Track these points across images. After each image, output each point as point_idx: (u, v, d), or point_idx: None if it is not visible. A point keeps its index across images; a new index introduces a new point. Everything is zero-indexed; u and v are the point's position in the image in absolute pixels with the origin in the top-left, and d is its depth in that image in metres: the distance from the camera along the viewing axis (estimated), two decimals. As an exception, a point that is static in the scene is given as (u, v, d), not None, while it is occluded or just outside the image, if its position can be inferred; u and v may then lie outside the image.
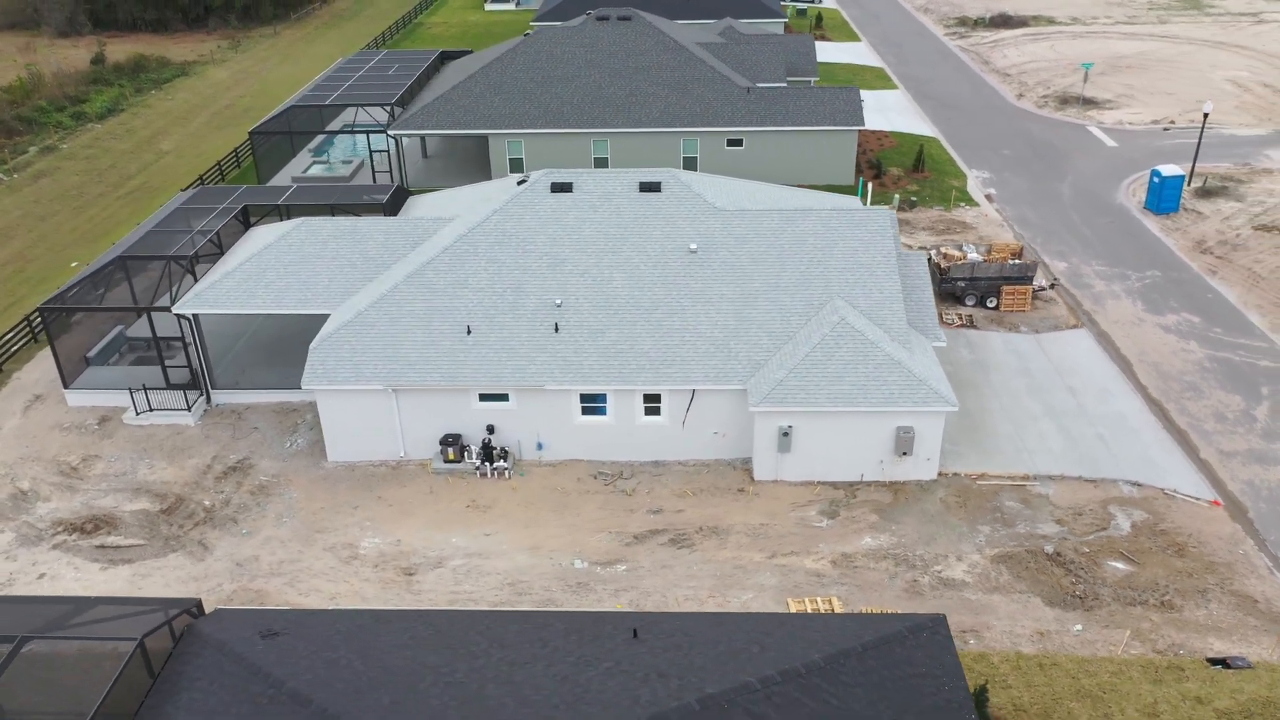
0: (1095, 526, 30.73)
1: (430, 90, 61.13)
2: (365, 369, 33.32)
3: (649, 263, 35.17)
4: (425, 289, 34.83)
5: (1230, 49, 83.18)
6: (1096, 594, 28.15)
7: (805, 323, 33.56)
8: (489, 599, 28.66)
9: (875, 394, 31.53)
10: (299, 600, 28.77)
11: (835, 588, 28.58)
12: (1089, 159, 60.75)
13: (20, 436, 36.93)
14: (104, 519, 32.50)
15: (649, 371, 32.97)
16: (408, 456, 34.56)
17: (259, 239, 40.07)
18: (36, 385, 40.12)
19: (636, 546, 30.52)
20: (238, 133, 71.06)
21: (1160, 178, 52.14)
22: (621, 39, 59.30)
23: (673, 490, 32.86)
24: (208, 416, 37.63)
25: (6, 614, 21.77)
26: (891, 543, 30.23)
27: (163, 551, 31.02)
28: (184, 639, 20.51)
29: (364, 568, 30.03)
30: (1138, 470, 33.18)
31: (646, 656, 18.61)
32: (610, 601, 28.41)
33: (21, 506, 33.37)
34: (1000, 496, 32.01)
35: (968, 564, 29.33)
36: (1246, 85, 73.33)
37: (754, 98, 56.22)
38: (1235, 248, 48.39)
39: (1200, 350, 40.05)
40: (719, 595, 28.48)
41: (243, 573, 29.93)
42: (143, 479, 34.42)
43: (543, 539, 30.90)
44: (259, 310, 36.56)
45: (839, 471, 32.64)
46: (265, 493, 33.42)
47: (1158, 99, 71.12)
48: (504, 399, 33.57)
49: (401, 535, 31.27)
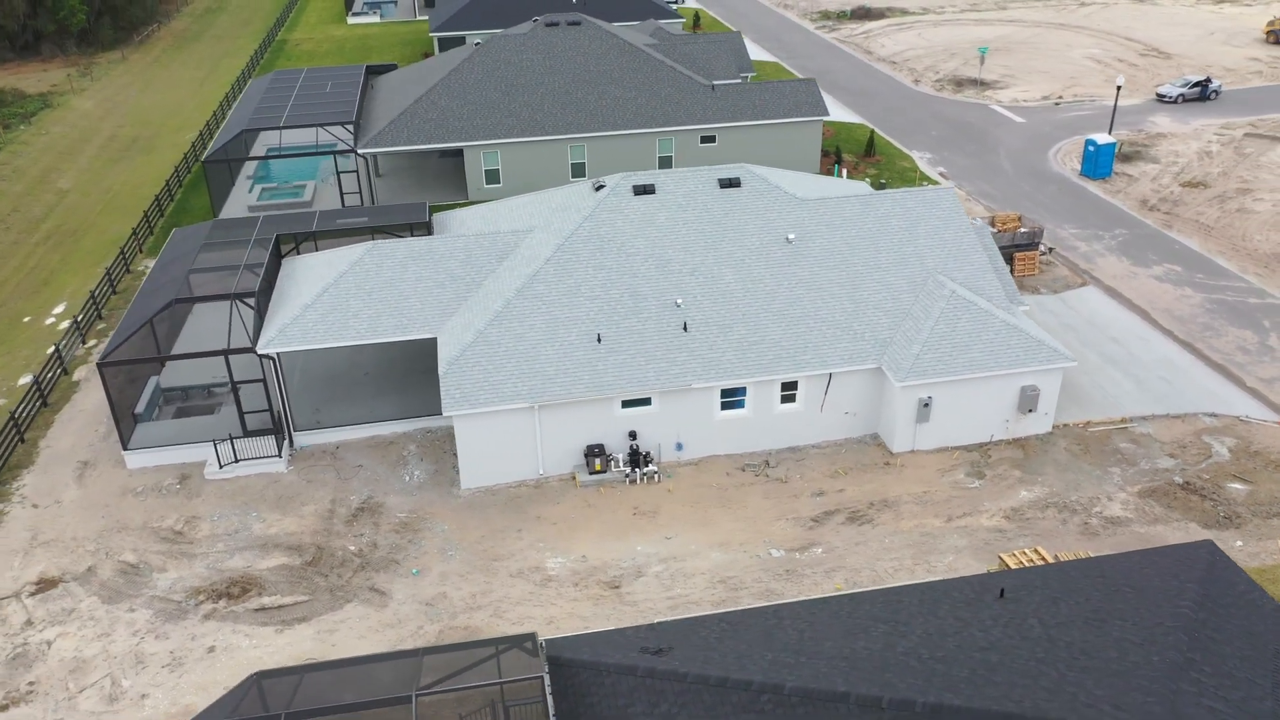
0: (1201, 456, 34.14)
1: (379, 106, 58.86)
2: (505, 388, 32.33)
3: (751, 255, 35.90)
4: (540, 301, 34.13)
5: (1071, 30, 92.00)
6: (1236, 513, 31.41)
7: (915, 299, 35.30)
8: (707, 599, 28.70)
9: (1003, 357, 33.68)
10: (517, 629, 27.75)
11: (1021, 539, 30.48)
12: (1008, 134, 65.98)
13: (90, 508, 33.33)
14: (245, 581, 30.02)
15: (786, 360, 33.76)
16: (546, 474, 33.77)
17: (311, 269, 37.82)
18: (75, 451, 36.21)
19: (819, 529, 31.31)
20: (136, 166, 65.79)
21: (1095, 146, 57.55)
22: (576, 44, 59.23)
23: (822, 472, 33.82)
24: (296, 460, 35.26)
25: (341, 679, 20.16)
26: (1045, 493, 32.47)
27: (335, 604, 29.05)
28: (555, 671, 19.72)
29: (564, 588, 29.29)
30: (1206, 402, 37.02)
31: (1051, 611, 19.63)
32: (826, 583, 29.11)
33: (138, 581, 30.28)
34: (1112, 440, 34.94)
35: (1119, 502, 31.96)
36: (1105, 61, 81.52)
37: (719, 94, 57.63)
38: (1176, 203, 54.19)
39: (1196, 295, 44.84)
40: (922, 562, 29.76)
41: (438, 613, 28.53)
42: (261, 534, 31.96)
43: (726, 535, 31.13)
44: (353, 342, 34.60)
45: (970, 435, 34.61)
46: (411, 530, 31.83)
47: (1035, 77, 77.89)
48: (646, 403, 33.44)
49: (583, 551, 30.66)
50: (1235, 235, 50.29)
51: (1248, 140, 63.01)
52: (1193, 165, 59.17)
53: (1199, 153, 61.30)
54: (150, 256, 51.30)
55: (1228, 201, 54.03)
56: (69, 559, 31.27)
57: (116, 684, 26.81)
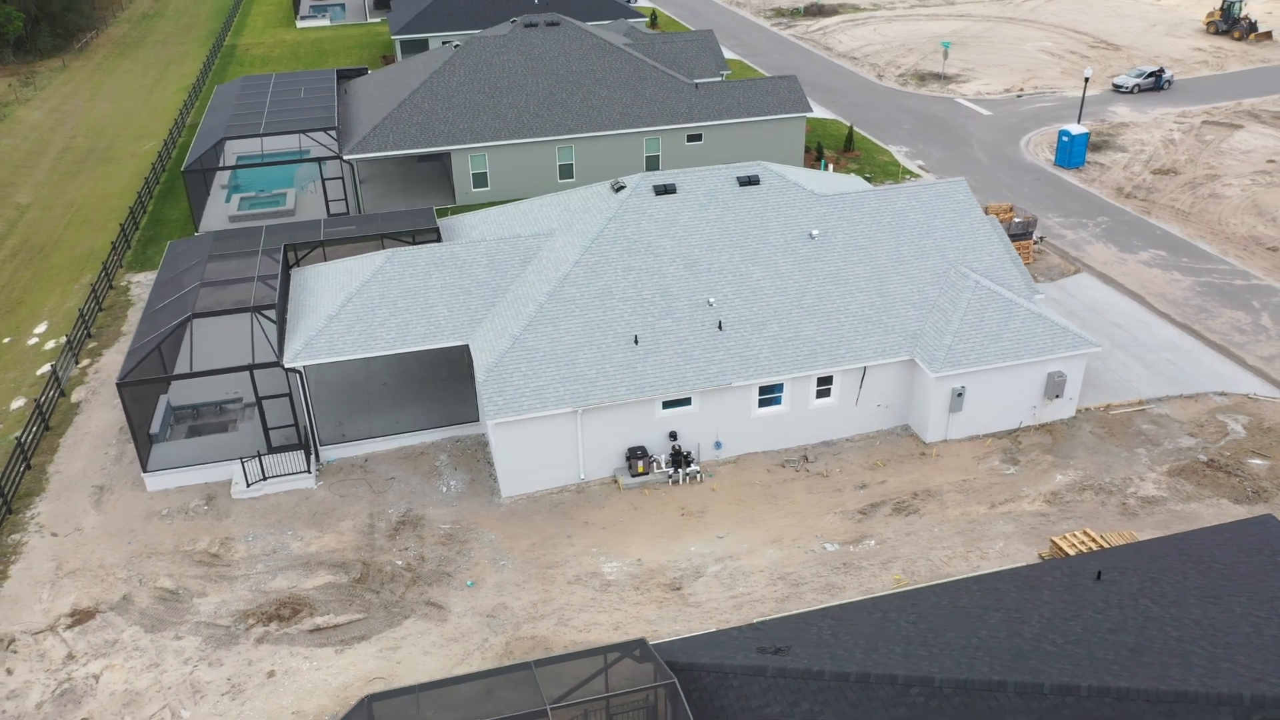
0: (1219, 434, 35.26)
1: (358, 111, 57.74)
2: (546, 394, 31.97)
3: (777, 252, 36.05)
4: (572, 305, 33.83)
5: (1021, 24, 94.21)
6: (1262, 488, 32.52)
7: (940, 291, 35.80)
8: (770, 596, 28.75)
9: (1031, 345, 34.35)
10: (581, 637, 27.48)
11: (1064, 522, 31.13)
12: (977, 127, 67.31)
13: (114, 534, 32.11)
14: (293, 602, 29.20)
15: (822, 355, 33.97)
16: (587, 478, 33.50)
17: (327, 279, 36.95)
18: (88, 475, 34.85)
19: (868, 521, 31.58)
20: (97, 177, 63.65)
21: (1069, 136, 59.03)
22: (556, 44, 58.81)
23: (860, 465, 34.12)
24: (325, 475, 34.41)
25: (458, 696, 19.72)
26: (1080, 476, 33.21)
27: (393, 621, 28.41)
28: (680, 676, 19.58)
29: (625, 592, 29.09)
30: (1214, 382, 38.24)
31: (1156, 590, 20.08)
32: (884, 575, 29.38)
33: (179, 608, 29.25)
34: (1134, 422, 35.89)
35: (1152, 482, 32.85)
36: (1058, 54, 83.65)
37: (703, 93, 57.74)
38: (1150, 190, 55.88)
39: (1186, 279, 46.30)
40: (974, 549, 30.20)
41: (501, 624, 28.09)
42: (301, 553, 31.13)
43: (777, 531, 31.22)
44: (381, 352, 33.86)
45: (999, 422, 35.23)
46: (457, 541, 31.29)
47: (994, 71, 79.60)
48: (686, 403, 33.37)
49: (638, 554, 30.47)
50: (1211, 220, 52.04)
51: (1206, 128, 65.24)
52: (1160, 153, 61.08)
53: (1163, 141, 63.29)
54: (132, 271, 49.60)
55: (1199, 187, 55.89)
56: (100, 588, 30.09)
57: (176, 715, 25.87)
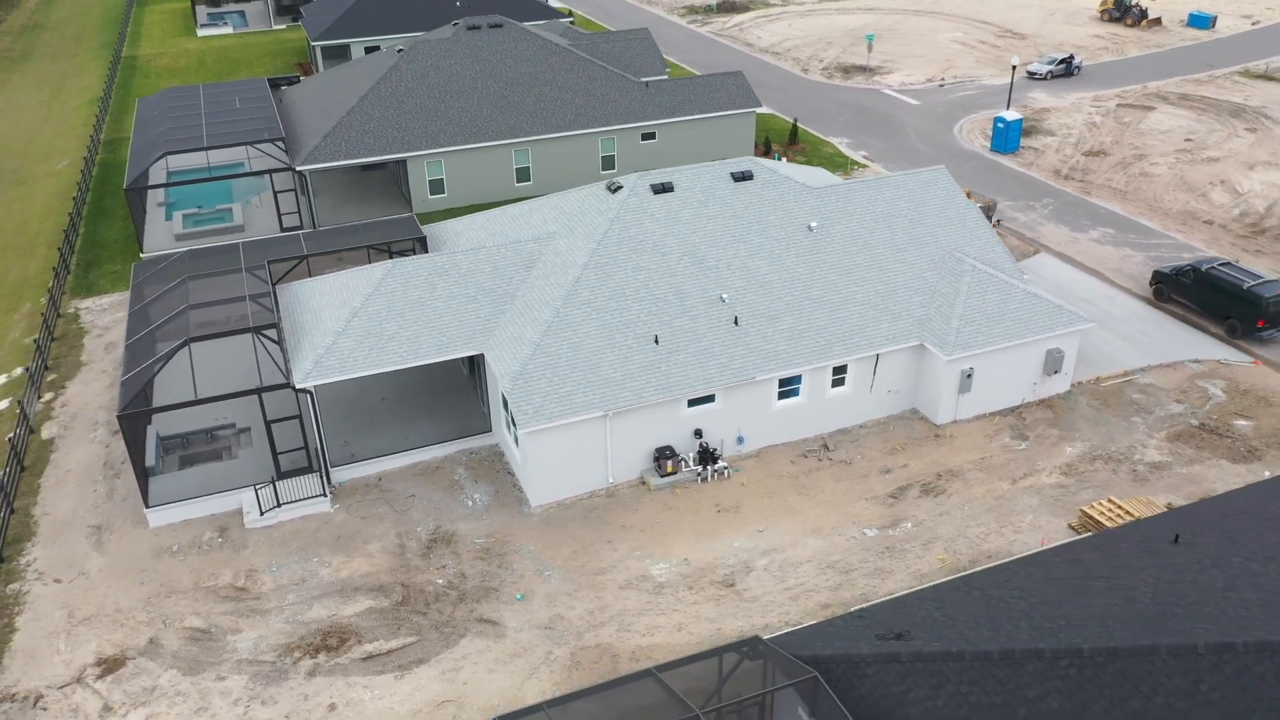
0: (1203, 399, 37.18)
1: (300, 120, 55.76)
2: (575, 399, 31.54)
3: (779, 246, 36.39)
4: (588, 308, 33.46)
5: (928, 15, 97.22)
6: (1254, 447, 34.42)
7: (939, 277, 36.72)
8: (823, 584, 29.02)
9: (1031, 324, 35.55)
10: (646, 641, 27.24)
11: (1084, 492, 32.34)
12: (908, 116, 69.23)
13: (124, 575, 30.30)
14: (337, 630, 28.10)
15: (837, 345, 34.44)
16: (615, 481, 33.18)
17: (321, 295, 35.63)
18: (81, 515, 32.79)
19: (899, 504, 32.18)
20: (11, 200, 59.92)
21: (1005, 123, 61.27)
22: (502, 46, 57.99)
23: (879, 450, 34.73)
24: (339, 498, 33.20)
25: (587, 711, 19.31)
26: (1088, 446, 34.55)
27: (448, 642, 27.60)
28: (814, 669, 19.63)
29: (680, 592, 28.94)
30: (1186, 350, 40.28)
31: (1241, 549, 21.07)
32: (928, 555, 30.00)
33: (214, 647, 27.80)
34: (1124, 392, 37.52)
35: (1154, 448, 34.41)
36: (969, 44, 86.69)
37: (654, 91, 57.80)
38: (1086, 172, 58.47)
39: (1137, 254, 48.62)
40: (1007, 524, 31.11)
41: (561, 635, 27.60)
42: (332, 579, 29.96)
43: (815, 521, 31.53)
44: (394, 366, 32.82)
45: (1003, 400, 36.34)
46: (495, 555, 30.59)
47: (913, 62, 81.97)
48: (710, 400, 33.37)
49: (683, 554, 30.35)
50: (1148, 197, 54.80)
51: (1122, 110, 68.62)
52: (1086, 136, 63.97)
53: (1085, 124, 66.30)
54: (78, 297, 46.81)
55: (1129, 167, 58.76)
56: (122, 633, 28.35)
57: (237, 759, 24.61)
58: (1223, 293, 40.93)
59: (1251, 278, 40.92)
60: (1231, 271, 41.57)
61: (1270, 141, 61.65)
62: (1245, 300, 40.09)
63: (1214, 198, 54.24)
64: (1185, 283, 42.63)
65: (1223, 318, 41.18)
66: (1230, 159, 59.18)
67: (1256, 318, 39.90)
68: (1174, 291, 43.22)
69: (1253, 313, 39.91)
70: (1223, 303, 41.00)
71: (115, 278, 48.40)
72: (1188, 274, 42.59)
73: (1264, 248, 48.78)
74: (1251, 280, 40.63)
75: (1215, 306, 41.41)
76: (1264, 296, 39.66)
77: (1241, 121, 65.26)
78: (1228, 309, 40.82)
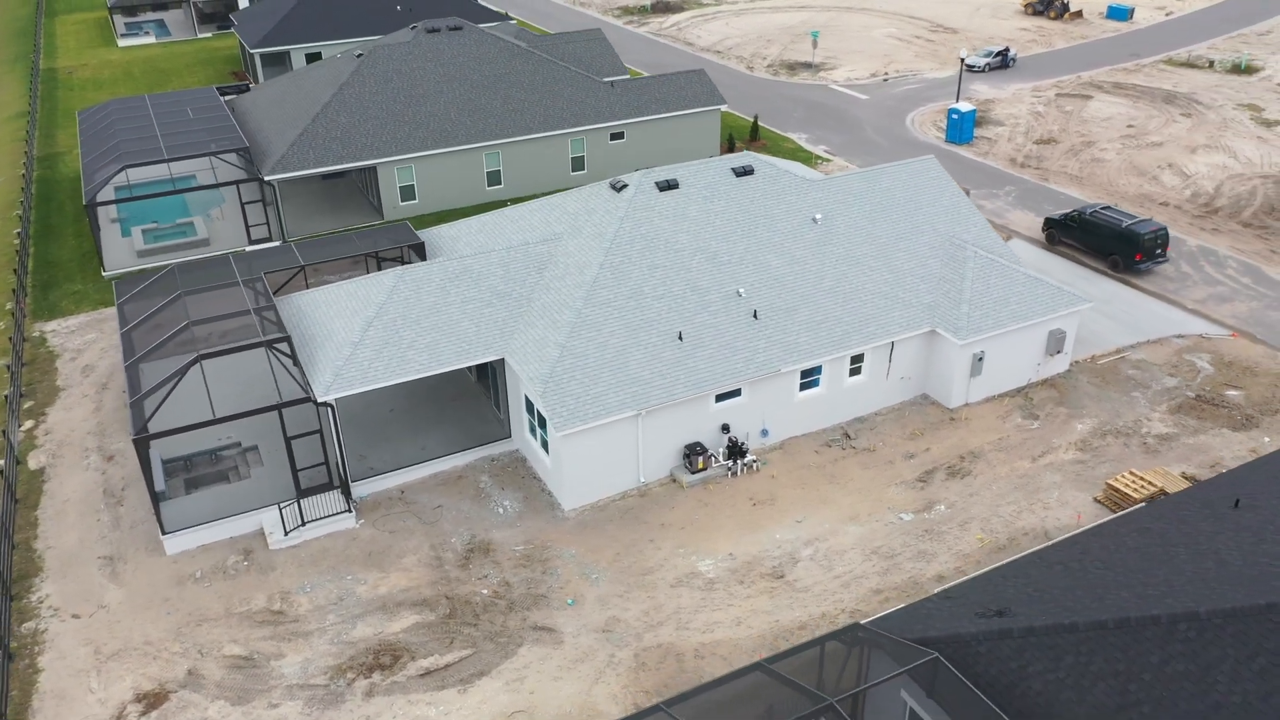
0: (1194, 372, 38.65)
1: (258, 129, 54.04)
2: (607, 399, 31.23)
3: (788, 239, 36.65)
4: (608, 307, 33.19)
5: (861, 12, 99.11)
6: (1249, 415, 35.93)
7: (942, 264, 37.42)
8: (871, 570, 29.29)
9: (1035, 306, 36.49)
10: (709, 638, 27.12)
11: (1102, 466, 33.32)
12: (860, 110, 70.46)
13: (148, 606, 28.92)
14: (388, 648, 27.28)
15: (854, 334, 34.82)
16: (645, 480, 32.96)
17: (326, 306, 34.59)
18: (88, 547, 31.21)
19: (929, 488, 32.68)
20: (-50, 221, 56.58)
21: (959, 114, 62.83)
22: (463, 49, 57.16)
23: (899, 436, 35.21)
24: (363, 512, 32.26)
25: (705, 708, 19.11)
26: (1096, 422, 35.60)
27: (506, 652, 27.03)
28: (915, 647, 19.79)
29: (733, 586, 28.88)
30: (1168, 327, 41.84)
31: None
32: (966, 535, 30.52)
33: (259, 674, 26.73)
34: (1120, 369, 38.78)
35: (1159, 421, 35.65)
36: (905, 39, 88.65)
37: (619, 91, 57.67)
38: (1040, 159, 60.30)
39: (1104, 235, 50.33)
40: (1037, 501, 31.84)
41: (621, 637, 27.28)
42: (371, 596, 29.10)
43: (851, 509, 31.81)
44: (416, 375, 32.03)
45: (1009, 381, 37.20)
46: (537, 561, 30.09)
47: (855, 57, 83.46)
48: (736, 394, 33.39)
49: (727, 549, 30.29)
50: (1103, 181, 56.79)
51: (1062, 99, 71.01)
52: (1034, 125, 66.00)
53: (1030, 113, 68.41)
54: (41, 320, 44.51)
55: (1080, 153, 60.84)
56: (156, 666, 27.05)
57: (306, 787, 23.70)
58: (1105, 233, 46.08)
59: (1129, 218, 46.12)
60: (1111, 214, 46.67)
61: (1206, 126, 64.53)
62: (1124, 238, 45.31)
63: (1164, 180, 56.50)
64: (1072, 226, 48.01)
65: (1106, 255, 46.27)
66: (1172, 143, 61.75)
67: (1135, 253, 45.12)
68: (1063, 235, 48.49)
69: (1131, 249, 45.14)
70: (1105, 242, 46.13)
71: (78, 298, 46.20)
72: (1074, 219, 48.09)
73: (1219, 226, 51.02)
74: (1129, 220, 45.88)
75: (1099, 246, 46.51)
76: (1140, 234, 44.92)
77: (1176, 108, 68.15)
78: (1110, 247, 45.96)
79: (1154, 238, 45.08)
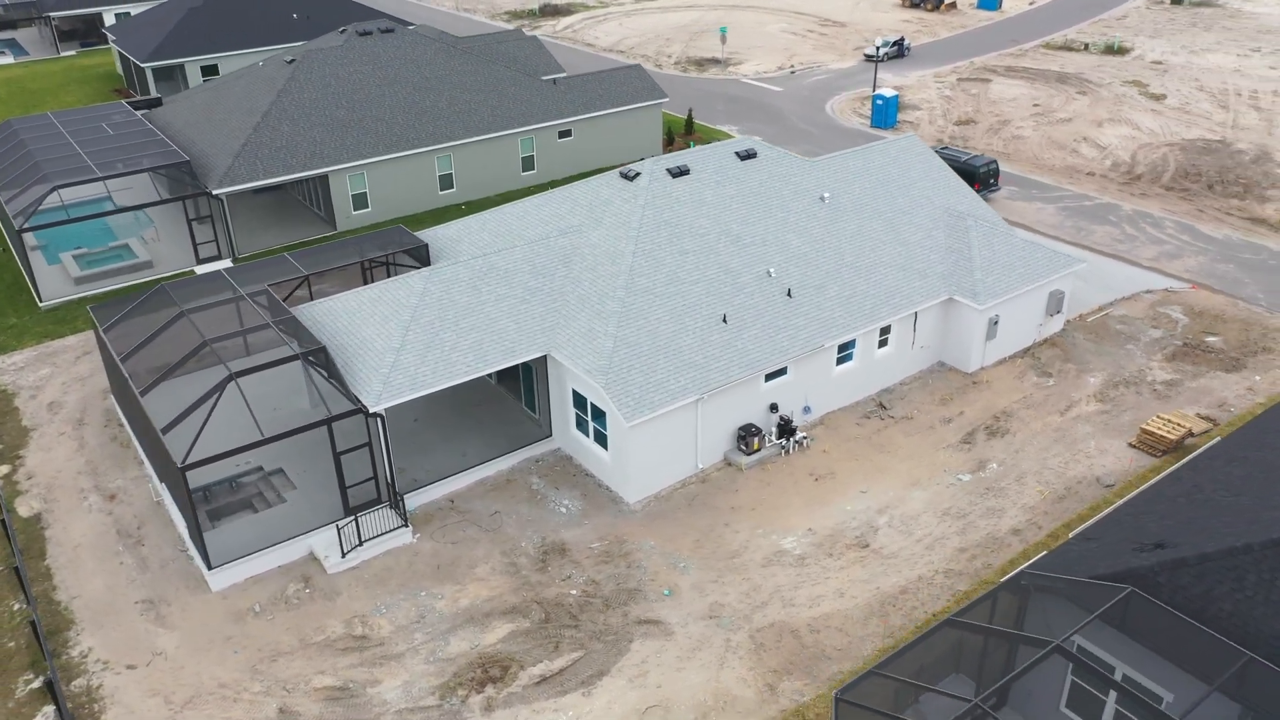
0: (1173, 323, 41.09)
1: (186, 144, 50.65)
2: (669, 385, 30.69)
3: (802, 218, 36.98)
4: (650, 295, 32.67)
5: (749, 9, 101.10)
6: (1234, 358, 38.46)
7: (946, 234, 38.52)
8: (949, 531, 29.81)
9: (1039, 269, 37.99)
10: (820, 610, 26.99)
11: (1125, 414, 34.98)
12: (778, 102, 71.87)
13: (209, 647, 26.61)
14: (492, 660, 25.97)
15: (883, 307, 35.38)
16: (702, 466, 32.54)
17: (347, 315, 32.73)
18: (120, 592, 28.48)
19: (975, 449, 33.52)
20: None
21: (884, 100, 64.92)
22: (400, 51, 55.24)
23: (930, 402, 35.97)
24: (417, 526, 30.64)
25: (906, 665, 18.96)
26: (1106, 375, 37.33)
27: (619, 649, 26.16)
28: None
29: (823, 560, 28.83)
30: (1134, 284, 44.34)
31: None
32: (1027, 491, 31.46)
33: (359, 702, 24.99)
34: (1108, 325, 40.81)
35: (1160, 369, 37.69)
36: (799, 33, 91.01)
37: (562, 89, 56.94)
38: (965, 139, 62.92)
39: (1049, 206, 52.93)
40: (1078, 452, 33.10)
41: (732, 620, 26.82)
42: (453, 609, 27.67)
43: (909, 475, 32.28)
44: (464, 377, 30.62)
45: (1017, 343, 38.58)
46: (617, 556, 29.26)
47: (757, 53, 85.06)
48: (783, 373, 33.39)
49: (805, 525, 30.24)
50: (1029, 156, 59.78)
51: (965, 83, 74.38)
52: (948, 108, 68.87)
53: (940, 97, 71.36)
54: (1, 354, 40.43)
55: (1000, 131, 63.86)
56: (240, 709, 24.91)
57: (452, 812, 22.25)
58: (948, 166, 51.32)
59: (966, 154, 53.50)
60: (950, 151, 53.84)
61: (1103, 102, 68.84)
62: (964, 171, 51.39)
63: (1084, 152, 59.96)
64: None
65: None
66: (1079, 119, 65.61)
67: (973, 183, 50.97)
68: None
69: (970, 179, 50.91)
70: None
71: (17, 333, 42.13)
72: None
73: (1145, 190, 54.50)
74: (966, 156, 53.17)
75: None
76: (976, 167, 52.06)
77: (1071, 87, 72.45)
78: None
79: (988, 170, 52.41)
